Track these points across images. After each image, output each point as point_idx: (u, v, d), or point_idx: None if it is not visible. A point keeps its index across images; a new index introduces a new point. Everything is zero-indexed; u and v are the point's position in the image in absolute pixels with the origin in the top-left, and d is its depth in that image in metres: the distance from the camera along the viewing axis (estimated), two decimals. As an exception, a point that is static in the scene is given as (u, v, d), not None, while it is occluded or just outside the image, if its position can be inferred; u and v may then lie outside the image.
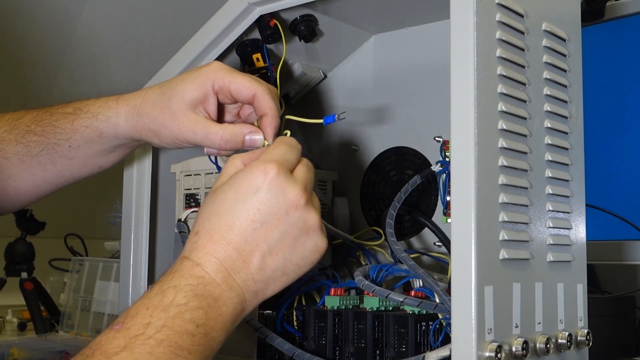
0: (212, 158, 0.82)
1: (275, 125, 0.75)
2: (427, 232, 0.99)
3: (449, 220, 0.67)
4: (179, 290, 0.59)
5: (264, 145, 0.74)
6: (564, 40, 0.78)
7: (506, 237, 0.65)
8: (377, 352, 0.76)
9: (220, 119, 0.79)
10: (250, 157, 0.69)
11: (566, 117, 0.77)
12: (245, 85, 0.75)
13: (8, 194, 0.83)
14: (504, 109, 0.67)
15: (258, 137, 0.74)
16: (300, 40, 0.97)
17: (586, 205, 0.79)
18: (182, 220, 0.92)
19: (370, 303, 0.80)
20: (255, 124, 0.76)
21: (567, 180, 0.76)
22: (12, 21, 1.62)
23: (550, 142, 0.74)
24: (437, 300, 0.74)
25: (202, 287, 0.60)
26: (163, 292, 0.59)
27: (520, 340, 0.65)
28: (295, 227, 0.63)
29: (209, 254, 0.62)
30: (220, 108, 0.78)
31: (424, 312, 0.75)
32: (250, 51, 0.96)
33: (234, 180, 0.64)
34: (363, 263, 0.93)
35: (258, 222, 0.62)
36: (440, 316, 0.74)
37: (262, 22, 0.92)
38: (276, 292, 0.65)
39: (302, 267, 0.65)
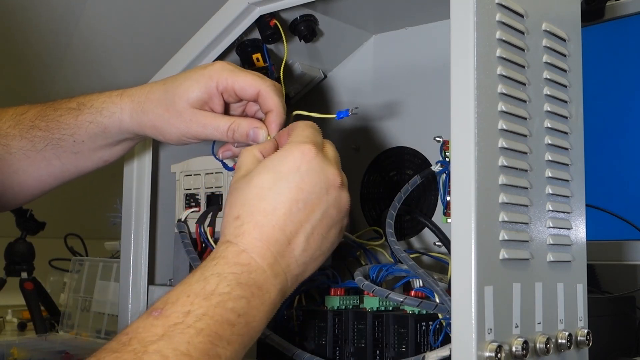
0: (217, 156, 0.82)
1: (280, 122, 0.75)
2: (427, 232, 0.99)
3: (449, 220, 0.67)
4: (222, 279, 0.58)
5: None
6: (564, 40, 0.78)
7: (506, 237, 0.65)
8: (377, 352, 0.76)
9: None
10: (265, 148, 0.68)
11: (566, 117, 0.77)
12: (249, 84, 0.75)
13: (13, 189, 0.83)
14: (504, 109, 0.67)
15: (261, 131, 0.74)
16: (300, 40, 0.97)
17: (586, 205, 0.79)
18: (182, 220, 0.92)
19: (370, 303, 0.80)
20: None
21: (567, 180, 0.76)
22: (14, 18, 1.62)
23: (550, 142, 0.74)
24: (437, 300, 0.74)
25: (247, 275, 0.59)
26: (205, 280, 0.58)
27: (520, 340, 0.65)
28: (333, 206, 0.64)
29: (255, 239, 0.60)
30: (226, 107, 0.78)
31: (424, 312, 0.75)
32: (250, 51, 0.96)
33: (270, 162, 0.63)
34: (363, 263, 0.93)
35: (301, 202, 0.62)
36: (440, 316, 0.74)
37: (262, 22, 0.92)
38: (312, 274, 0.65)
39: (334, 245, 0.65)
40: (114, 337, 0.54)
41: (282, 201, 0.61)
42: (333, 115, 0.76)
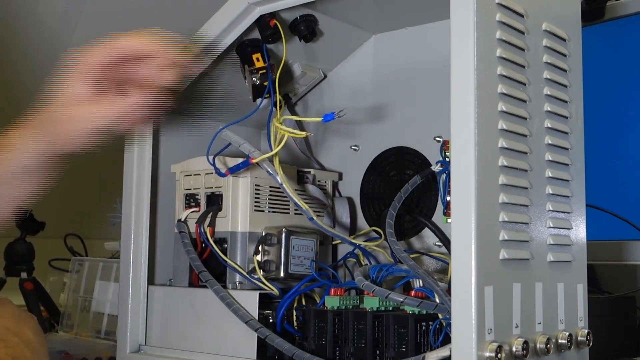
0: (211, 160, 0.82)
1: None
2: (427, 232, 0.99)
3: (449, 220, 0.67)
4: None
5: None
6: (564, 40, 0.78)
7: (506, 237, 0.65)
8: (377, 352, 0.76)
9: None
10: None
11: (566, 117, 0.77)
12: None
13: None
14: (504, 109, 0.67)
15: None
16: (300, 40, 0.97)
17: (586, 205, 0.79)
18: (182, 220, 0.92)
19: (370, 303, 0.79)
20: None
21: (567, 180, 0.76)
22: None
23: (550, 142, 0.74)
24: (437, 300, 0.74)
25: None
26: None
27: (521, 340, 0.65)
28: None
29: None
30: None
31: (424, 312, 0.75)
32: (250, 51, 0.96)
33: None
34: (363, 263, 0.93)
35: None
36: (440, 316, 0.74)
37: (262, 22, 0.92)
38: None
39: None
40: None
41: None
42: (320, 119, 0.77)
